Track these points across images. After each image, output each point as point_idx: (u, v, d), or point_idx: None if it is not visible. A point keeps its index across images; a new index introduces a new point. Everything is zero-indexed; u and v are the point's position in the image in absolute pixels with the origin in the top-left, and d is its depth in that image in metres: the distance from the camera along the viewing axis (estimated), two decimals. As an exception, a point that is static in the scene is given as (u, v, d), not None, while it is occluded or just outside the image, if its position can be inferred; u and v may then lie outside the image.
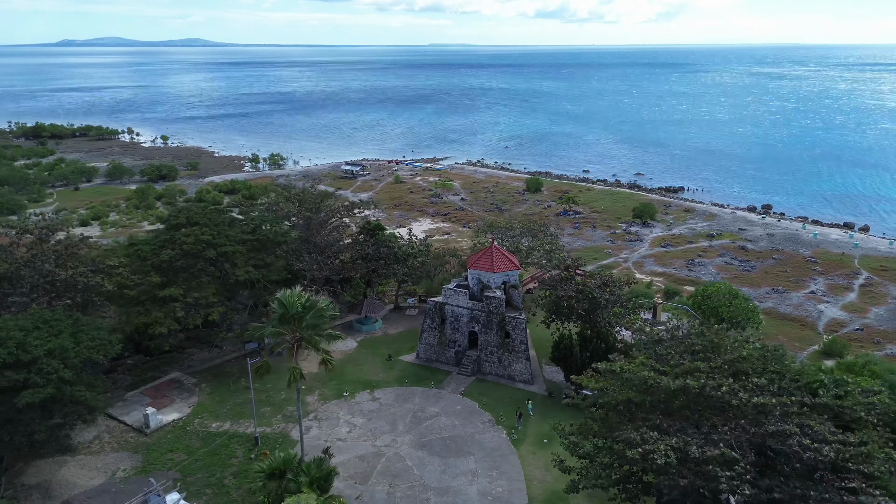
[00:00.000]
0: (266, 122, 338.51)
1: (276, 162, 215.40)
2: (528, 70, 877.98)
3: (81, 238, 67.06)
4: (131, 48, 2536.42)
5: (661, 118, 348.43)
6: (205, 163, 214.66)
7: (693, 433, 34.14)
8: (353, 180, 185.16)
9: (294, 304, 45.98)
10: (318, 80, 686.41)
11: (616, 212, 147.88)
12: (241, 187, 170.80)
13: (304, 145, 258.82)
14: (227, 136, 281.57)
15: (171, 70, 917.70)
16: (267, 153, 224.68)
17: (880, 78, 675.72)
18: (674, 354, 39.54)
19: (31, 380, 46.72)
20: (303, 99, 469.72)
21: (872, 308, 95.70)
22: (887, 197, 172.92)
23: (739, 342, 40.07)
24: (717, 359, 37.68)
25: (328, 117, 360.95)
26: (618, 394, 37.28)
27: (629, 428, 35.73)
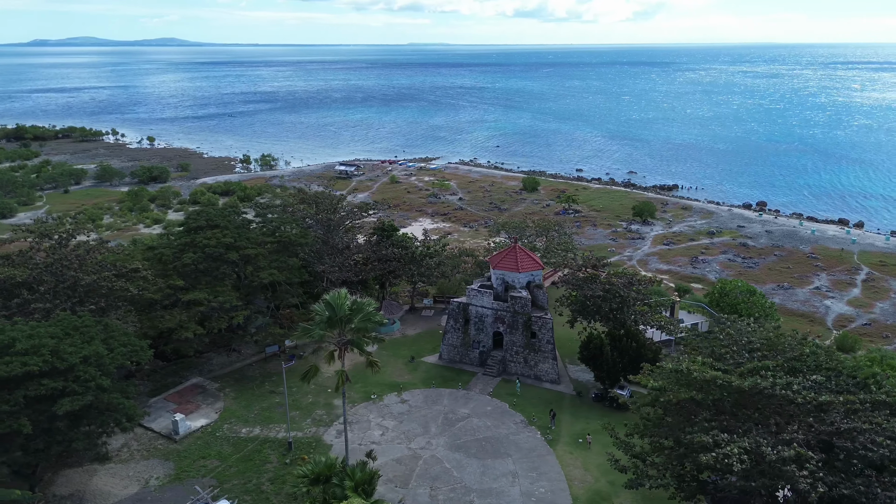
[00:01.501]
0: (251, 121, 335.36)
1: (267, 163, 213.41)
2: (508, 69, 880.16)
3: (100, 242, 65.77)
4: (106, 48, 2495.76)
5: (646, 116, 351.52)
6: (195, 164, 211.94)
7: (762, 433, 34.39)
8: (349, 181, 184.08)
9: (342, 306, 45.47)
10: (299, 80, 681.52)
11: (614, 210, 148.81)
12: (236, 189, 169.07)
13: (292, 145, 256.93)
14: (215, 137, 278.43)
15: (148, 70, 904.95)
16: (256, 154, 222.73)
17: (853, 76, 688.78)
18: (732, 353, 39.81)
19: (69, 388, 45.68)
20: (286, 98, 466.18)
21: (877, 303, 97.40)
22: (874, 193, 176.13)
23: (798, 340, 40.47)
24: (776, 356, 38.00)
25: (313, 117, 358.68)
26: (679, 393, 37.38)
27: (694, 429, 35.88)
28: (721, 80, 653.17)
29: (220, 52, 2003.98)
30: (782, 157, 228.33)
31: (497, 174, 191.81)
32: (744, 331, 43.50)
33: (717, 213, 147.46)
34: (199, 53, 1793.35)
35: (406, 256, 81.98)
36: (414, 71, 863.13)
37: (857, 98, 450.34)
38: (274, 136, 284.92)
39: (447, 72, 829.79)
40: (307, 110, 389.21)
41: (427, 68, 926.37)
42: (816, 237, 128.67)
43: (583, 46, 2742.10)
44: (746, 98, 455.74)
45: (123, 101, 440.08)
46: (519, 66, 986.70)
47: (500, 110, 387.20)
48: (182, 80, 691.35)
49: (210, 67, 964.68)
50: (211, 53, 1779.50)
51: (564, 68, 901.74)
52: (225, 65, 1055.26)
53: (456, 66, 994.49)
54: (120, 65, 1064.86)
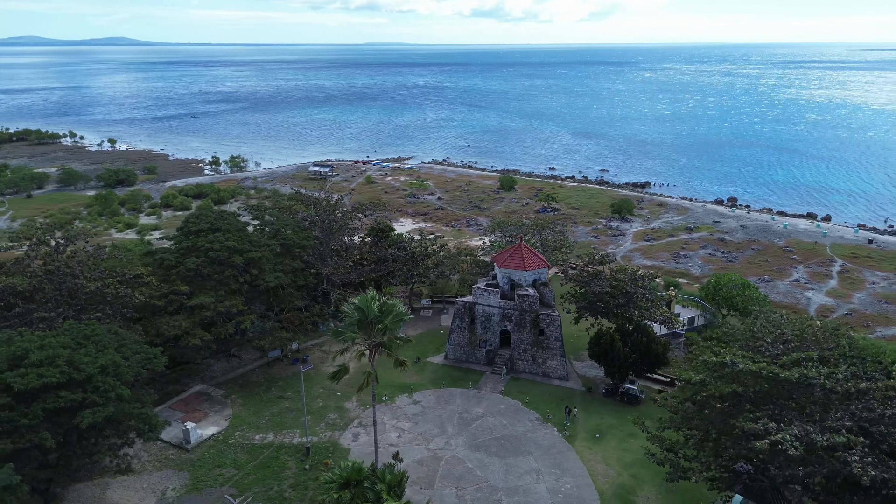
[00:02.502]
0: (214, 122, 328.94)
1: (237, 164, 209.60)
2: (469, 69, 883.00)
3: (97, 248, 63.66)
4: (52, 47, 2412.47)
5: (609, 115, 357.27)
6: (161, 166, 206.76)
7: (805, 421, 35.45)
8: (324, 182, 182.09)
9: (372, 308, 45.04)
10: (258, 80, 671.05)
11: (592, 208, 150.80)
12: (209, 191, 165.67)
13: (260, 146, 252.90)
14: (179, 138, 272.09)
15: (99, 70, 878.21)
16: (222, 155, 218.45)
17: (802, 74, 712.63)
18: (767, 345, 40.86)
19: (89, 399, 44.18)
20: (248, 98, 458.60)
21: (854, 294, 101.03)
22: (835, 188, 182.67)
23: (830, 331, 41.80)
24: (810, 347, 39.19)
25: (277, 117, 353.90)
26: (721, 387, 38.17)
27: (740, 420, 36.72)
28: (677, 79, 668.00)
29: (174, 51, 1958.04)
30: (744, 153, 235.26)
31: (472, 173, 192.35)
32: (776, 322, 44.68)
33: (691, 210, 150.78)
34: (151, 53, 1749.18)
35: (403, 257, 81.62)
36: (374, 70, 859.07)
37: (807, 96, 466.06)
38: (240, 136, 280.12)
39: (408, 71, 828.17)
40: (271, 110, 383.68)
41: (387, 68, 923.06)
42: (789, 231, 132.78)
43: (540, 46, 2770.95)
44: (703, 96, 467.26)
45: (78, 103, 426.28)
46: (479, 65, 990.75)
47: (466, 109, 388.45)
48: (137, 80, 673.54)
49: (165, 67, 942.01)
50: (164, 53, 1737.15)
51: (524, 68, 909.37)
52: (180, 64, 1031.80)
53: (416, 65, 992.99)
54: (69, 65, 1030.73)
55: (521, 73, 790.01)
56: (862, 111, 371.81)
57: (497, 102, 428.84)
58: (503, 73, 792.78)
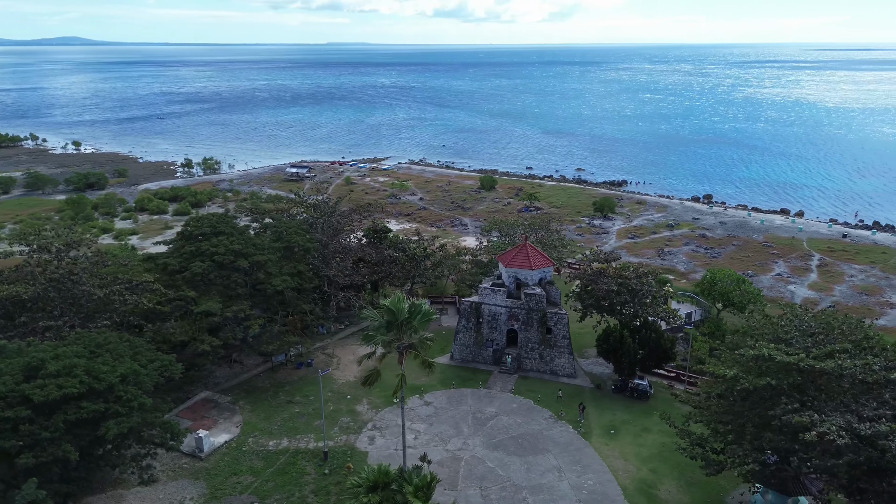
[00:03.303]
0: (181, 124, 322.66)
1: (210, 166, 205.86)
2: (434, 69, 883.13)
3: (99, 254, 61.92)
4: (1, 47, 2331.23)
5: (577, 114, 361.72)
6: (132, 169, 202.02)
7: (843, 411, 36.57)
8: (301, 183, 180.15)
9: (402, 309, 44.84)
10: (221, 80, 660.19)
11: (574, 206, 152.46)
12: (186, 194, 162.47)
13: (231, 148, 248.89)
14: (146, 140, 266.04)
15: (54, 71, 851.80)
16: (193, 157, 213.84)
17: (759, 74, 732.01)
18: (796, 337, 41.98)
19: (111, 409, 43.02)
20: (212, 99, 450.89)
21: (835, 286, 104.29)
22: (802, 184, 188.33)
23: (855, 323, 43.15)
24: (838, 339, 40.45)
25: (246, 117, 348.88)
26: (756, 380, 39.05)
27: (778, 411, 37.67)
28: (639, 78, 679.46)
29: (130, 51, 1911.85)
30: (711, 151, 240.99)
31: (451, 174, 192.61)
32: (803, 316, 45.91)
33: (670, 207, 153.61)
34: (106, 53, 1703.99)
35: (402, 258, 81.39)
36: (339, 70, 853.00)
37: (764, 94, 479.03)
38: (209, 138, 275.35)
39: (373, 71, 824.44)
40: (238, 111, 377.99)
41: (352, 68, 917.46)
42: (766, 227, 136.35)
43: (503, 46, 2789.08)
44: (666, 95, 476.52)
45: (35, 104, 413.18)
46: (444, 65, 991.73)
47: (436, 109, 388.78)
48: (94, 80, 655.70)
49: (122, 67, 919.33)
50: (119, 53, 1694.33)
51: (489, 68, 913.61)
52: (138, 65, 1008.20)
53: (381, 65, 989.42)
54: (21, 65, 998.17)
55: (487, 73, 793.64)
56: (817, 109, 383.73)
57: (466, 102, 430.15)
58: (468, 73, 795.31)
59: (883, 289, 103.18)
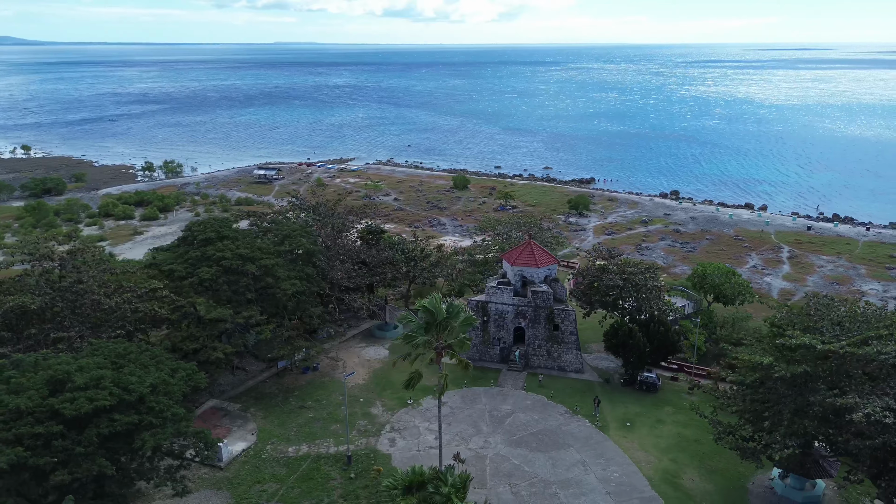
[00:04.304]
0: (133, 126, 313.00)
1: (172, 170, 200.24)
2: (388, 69, 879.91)
3: (101, 261, 59.78)
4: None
5: (535, 113, 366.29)
6: (89, 174, 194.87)
7: (880, 395, 38.39)
8: (270, 185, 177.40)
9: (440, 310, 44.84)
10: (168, 80, 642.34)
11: (548, 204, 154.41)
12: (152, 198, 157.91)
13: (190, 150, 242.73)
14: (101, 143, 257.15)
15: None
16: (152, 160, 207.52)
17: (706, 73, 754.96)
18: (827, 326, 43.78)
19: (145, 420, 41.75)
20: (162, 100, 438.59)
21: (808, 277, 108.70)
22: (759, 178, 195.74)
23: (880, 311, 45.25)
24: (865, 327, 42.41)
25: (200, 119, 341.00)
26: (792, 367, 40.57)
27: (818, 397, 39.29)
28: (591, 78, 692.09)
29: (69, 51, 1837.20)
30: (669, 147, 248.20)
31: (422, 174, 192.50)
32: (830, 305, 47.86)
33: (641, 203, 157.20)
34: (43, 53, 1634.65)
35: (401, 259, 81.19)
36: (290, 70, 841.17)
37: (713, 93, 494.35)
38: (166, 140, 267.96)
39: (326, 71, 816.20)
40: (192, 112, 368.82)
41: (303, 68, 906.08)
42: (735, 221, 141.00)
43: (453, 46, 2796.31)
44: (619, 94, 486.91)
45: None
46: (397, 65, 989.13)
47: (395, 109, 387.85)
48: (34, 81, 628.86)
49: (62, 68, 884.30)
50: (58, 53, 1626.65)
51: (442, 68, 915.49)
52: (78, 65, 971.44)
53: (333, 65, 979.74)
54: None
55: (441, 72, 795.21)
56: (764, 107, 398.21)
57: (424, 102, 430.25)
58: (422, 73, 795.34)
59: (852, 278, 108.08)
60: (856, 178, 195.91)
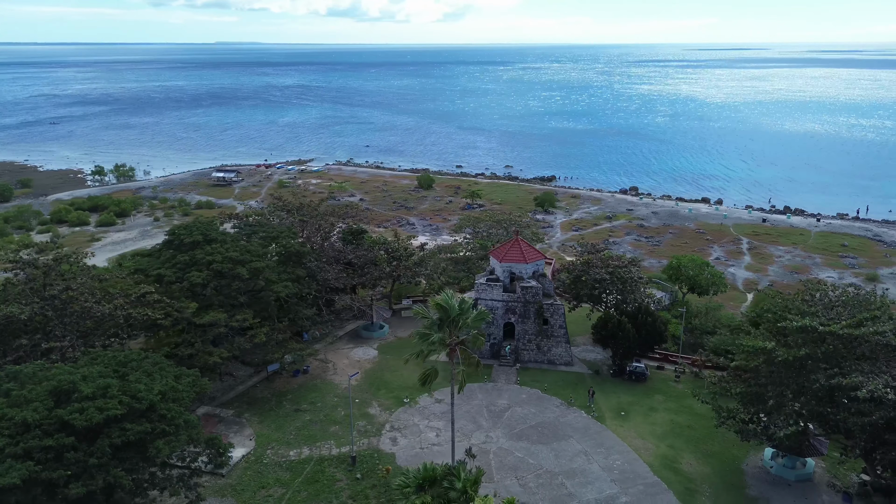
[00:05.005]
0: (75, 128, 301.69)
1: (124, 174, 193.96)
2: (336, 68, 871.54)
3: (86, 267, 57.70)
4: None
5: (488, 112, 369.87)
6: (35, 179, 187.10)
7: (878, 373, 40.69)
8: (230, 188, 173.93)
9: (453, 306, 45.15)
10: (108, 81, 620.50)
11: (515, 202, 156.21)
12: (107, 203, 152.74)
13: (141, 153, 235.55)
14: (42, 147, 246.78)
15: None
16: (101, 163, 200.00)
17: (649, 72, 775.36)
18: (821, 310, 46.03)
19: (158, 429, 40.72)
20: (103, 101, 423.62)
21: (769, 267, 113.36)
22: (710, 173, 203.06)
23: (870, 295, 47.79)
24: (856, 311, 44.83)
25: (147, 120, 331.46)
26: (794, 351, 42.56)
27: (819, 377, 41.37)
28: (539, 77, 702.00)
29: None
30: (622, 144, 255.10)
31: (385, 173, 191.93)
32: (825, 291, 50.22)
33: (603, 200, 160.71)
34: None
35: (383, 258, 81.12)
36: (235, 70, 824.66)
37: (657, 92, 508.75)
38: (113, 143, 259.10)
39: (273, 71, 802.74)
40: (137, 114, 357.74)
41: (249, 68, 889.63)
42: (695, 215, 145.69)
43: (400, 46, 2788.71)
44: (567, 93, 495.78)
45: None
46: (344, 65, 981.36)
47: (348, 108, 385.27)
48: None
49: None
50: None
51: (391, 67, 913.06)
52: (9, 66, 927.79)
53: (280, 65, 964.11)
54: None
55: (390, 72, 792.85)
56: (706, 105, 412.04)
57: (377, 101, 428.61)
58: (371, 72, 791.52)
59: (809, 267, 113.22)
60: (798, 172, 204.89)
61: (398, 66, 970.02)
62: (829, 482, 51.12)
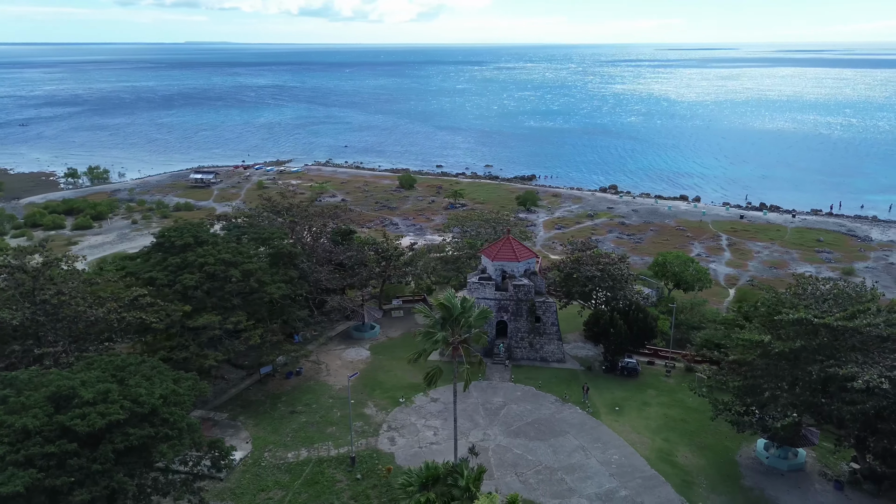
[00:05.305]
0: (44, 130, 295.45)
1: (98, 176, 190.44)
2: (310, 69, 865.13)
3: (74, 270, 56.64)
4: None
5: (465, 112, 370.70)
6: (6, 182, 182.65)
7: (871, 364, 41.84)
8: (209, 190, 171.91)
9: (456, 305, 45.33)
10: (76, 82, 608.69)
11: (497, 202, 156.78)
12: (83, 206, 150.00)
13: (114, 155, 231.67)
14: (11, 150, 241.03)
15: None
16: (75, 166, 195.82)
17: (622, 72, 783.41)
18: (813, 304, 47.14)
19: (161, 433, 40.26)
20: (73, 102, 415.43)
21: (748, 262, 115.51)
22: (686, 171, 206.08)
23: (860, 287, 49.00)
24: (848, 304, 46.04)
25: (119, 121, 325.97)
26: (789, 343, 43.57)
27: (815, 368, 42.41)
28: (514, 77, 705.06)
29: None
30: (599, 143, 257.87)
31: (366, 174, 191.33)
32: (815, 284, 51.37)
33: (584, 198, 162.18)
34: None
35: (371, 259, 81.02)
36: (207, 71, 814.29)
37: (631, 91, 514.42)
38: (85, 145, 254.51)
39: (245, 71, 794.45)
40: (108, 115, 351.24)
41: (220, 68, 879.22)
42: (674, 212, 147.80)
43: (373, 46, 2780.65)
44: (543, 92, 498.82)
45: None
46: (319, 65, 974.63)
47: (324, 109, 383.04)
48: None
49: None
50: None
51: (365, 67, 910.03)
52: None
53: (252, 65, 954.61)
54: None
55: (365, 72, 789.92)
56: (679, 104, 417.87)
57: (353, 102, 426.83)
58: (346, 72, 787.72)
59: (787, 262, 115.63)
60: (770, 169, 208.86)
61: (373, 66, 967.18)
62: (821, 471, 52.41)
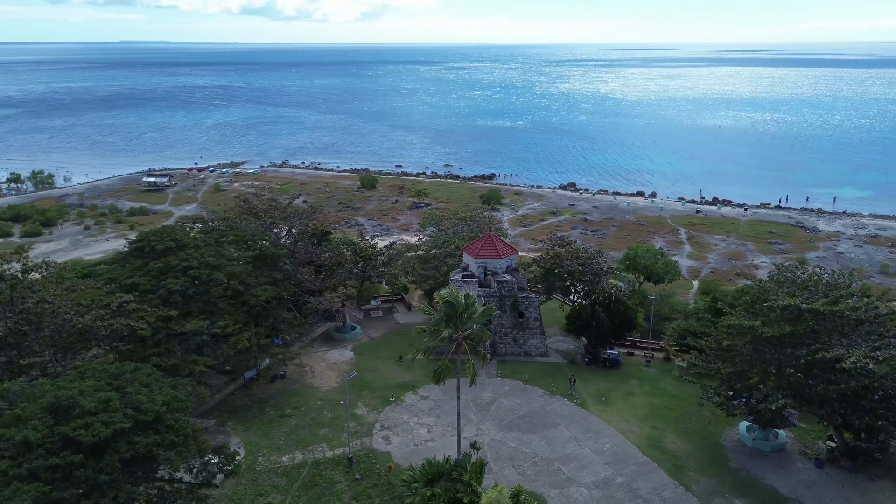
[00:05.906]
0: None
1: (43, 181, 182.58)
2: (254, 69, 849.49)
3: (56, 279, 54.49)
4: None
5: (417, 111, 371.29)
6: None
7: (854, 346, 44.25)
8: (163, 193, 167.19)
9: (461, 301, 45.70)
10: (7, 83, 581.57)
11: (461, 200, 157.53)
12: (31, 212, 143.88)
13: (57, 159, 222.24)
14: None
15: None
16: (16, 170, 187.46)
17: (568, 72, 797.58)
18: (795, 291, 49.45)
19: (168, 440, 39.39)
20: (5, 104, 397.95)
21: (708, 255, 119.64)
22: (638, 168, 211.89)
23: (839, 274, 51.60)
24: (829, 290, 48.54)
25: (58, 123, 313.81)
26: (777, 327, 45.66)
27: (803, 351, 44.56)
28: (462, 77, 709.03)
29: None
30: (552, 142, 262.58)
31: (325, 174, 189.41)
32: (798, 274, 53.75)
33: (545, 196, 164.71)
34: None
35: (348, 259, 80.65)
36: (146, 70, 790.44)
37: (578, 90, 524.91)
38: (24, 149, 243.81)
39: (188, 71, 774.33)
40: (45, 117, 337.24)
41: (160, 68, 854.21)
42: (633, 208, 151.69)
43: (317, 45, 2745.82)
44: (492, 92, 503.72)
45: None
46: (263, 65, 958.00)
47: (274, 109, 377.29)
48: None
49: None
50: None
51: (312, 67, 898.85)
52: None
53: (194, 65, 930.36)
54: None
55: (312, 72, 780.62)
56: (625, 102, 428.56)
57: (303, 101, 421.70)
58: (293, 72, 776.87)
59: (744, 253, 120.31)
60: (718, 165, 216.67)
61: (318, 65, 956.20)
62: (801, 451, 55.03)
